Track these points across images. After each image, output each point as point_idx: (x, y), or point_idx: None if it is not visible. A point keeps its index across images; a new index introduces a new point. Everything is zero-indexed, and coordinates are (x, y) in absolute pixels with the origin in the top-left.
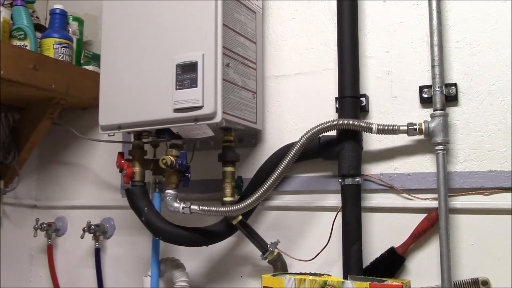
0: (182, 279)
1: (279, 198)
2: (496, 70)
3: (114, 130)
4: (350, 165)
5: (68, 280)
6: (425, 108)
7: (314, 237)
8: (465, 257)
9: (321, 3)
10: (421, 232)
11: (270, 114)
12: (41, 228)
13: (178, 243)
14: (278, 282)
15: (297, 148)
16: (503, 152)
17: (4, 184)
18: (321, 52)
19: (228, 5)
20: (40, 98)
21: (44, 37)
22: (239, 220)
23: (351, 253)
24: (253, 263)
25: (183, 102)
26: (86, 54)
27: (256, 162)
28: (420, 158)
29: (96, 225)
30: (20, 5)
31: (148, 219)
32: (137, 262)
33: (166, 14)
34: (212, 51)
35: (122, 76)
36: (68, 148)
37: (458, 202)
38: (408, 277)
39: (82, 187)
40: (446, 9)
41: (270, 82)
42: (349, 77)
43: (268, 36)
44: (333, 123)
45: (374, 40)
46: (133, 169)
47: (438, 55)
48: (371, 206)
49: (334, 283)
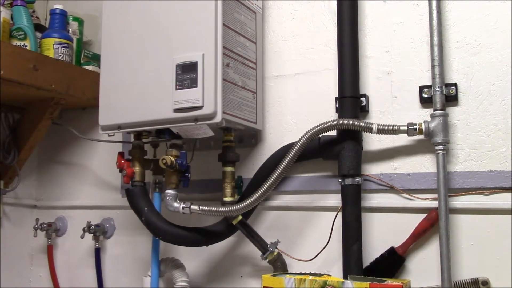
0: (182, 279)
1: (279, 198)
2: (496, 70)
3: (114, 130)
4: (350, 165)
5: (68, 280)
6: (425, 108)
7: (314, 237)
8: (465, 257)
9: (321, 3)
10: (421, 232)
11: (270, 114)
12: (41, 228)
13: (178, 243)
14: (278, 282)
15: (297, 148)
16: (503, 152)
17: (4, 184)
18: (321, 52)
19: (228, 5)
20: (40, 98)
21: (44, 37)
22: (239, 220)
23: (351, 253)
24: (253, 263)
25: (183, 102)
26: (86, 54)
27: (256, 162)
28: (420, 158)
29: (96, 225)
30: (20, 5)
31: (148, 219)
32: (137, 262)
33: (166, 14)
34: (212, 51)
35: (122, 76)
36: (68, 148)
37: (458, 202)
38: (408, 277)
39: (82, 187)
40: (446, 9)
41: (270, 82)
42: (349, 77)
43: (268, 36)
44: (333, 123)
45: (374, 40)
46: (133, 169)
47: (438, 55)
48: (371, 206)
49: (334, 283)
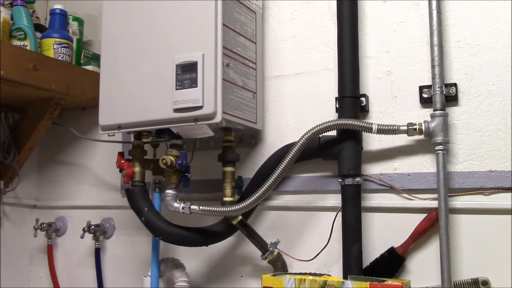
0: (182, 279)
1: (279, 198)
2: (496, 70)
3: (114, 130)
4: (350, 165)
5: (68, 280)
6: (425, 108)
7: (314, 237)
8: (465, 257)
9: (321, 3)
10: (421, 232)
11: (270, 114)
12: (41, 228)
13: (178, 243)
14: (278, 282)
15: (297, 148)
16: (503, 152)
17: (4, 184)
18: (321, 52)
19: (228, 5)
20: (40, 98)
21: (44, 37)
22: (239, 220)
23: (351, 253)
24: (253, 263)
25: (183, 102)
26: (86, 54)
27: (256, 162)
28: (420, 158)
29: (96, 225)
30: (20, 5)
31: (148, 219)
32: (137, 262)
33: (166, 14)
34: (212, 51)
35: (122, 76)
36: (68, 148)
37: (458, 202)
38: (408, 277)
39: (82, 187)
40: (446, 9)
41: (270, 82)
42: (349, 77)
43: (268, 36)
44: (333, 123)
45: (374, 40)
46: (133, 169)
47: (438, 55)
48: (371, 206)
49: (334, 283)
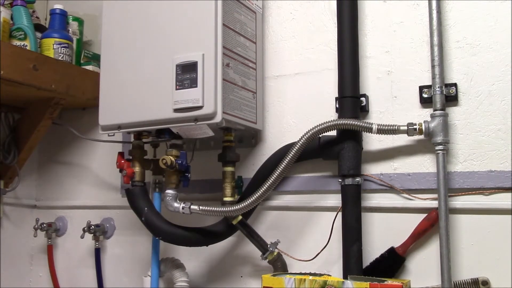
0: (182, 279)
1: (279, 198)
2: (496, 70)
3: (114, 130)
4: (350, 165)
5: (68, 280)
6: (425, 108)
7: (314, 237)
8: (465, 257)
9: (321, 3)
10: (421, 232)
11: (270, 114)
12: (41, 228)
13: (178, 243)
14: (278, 282)
15: (297, 148)
16: (503, 152)
17: (4, 184)
18: (321, 52)
19: (228, 5)
20: (40, 98)
21: (44, 37)
22: (239, 220)
23: (351, 253)
24: (253, 263)
25: (183, 102)
26: (86, 54)
27: (256, 162)
28: (420, 158)
29: (96, 225)
30: (20, 5)
31: (148, 219)
32: (137, 262)
33: (166, 14)
34: (212, 51)
35: (122, 76)
36: (68, 148)
37: (458, 202)
38: (408, 277)
39: (82, 187)
40: (446, 9)
41: (270, 82)
42: (349, 77)
43: (268, 36)
44: (333, 123)
45: (374, 40)
46: (133, 169)
47: (438, 55)
48: (371, 206)
49: (334, 283)
